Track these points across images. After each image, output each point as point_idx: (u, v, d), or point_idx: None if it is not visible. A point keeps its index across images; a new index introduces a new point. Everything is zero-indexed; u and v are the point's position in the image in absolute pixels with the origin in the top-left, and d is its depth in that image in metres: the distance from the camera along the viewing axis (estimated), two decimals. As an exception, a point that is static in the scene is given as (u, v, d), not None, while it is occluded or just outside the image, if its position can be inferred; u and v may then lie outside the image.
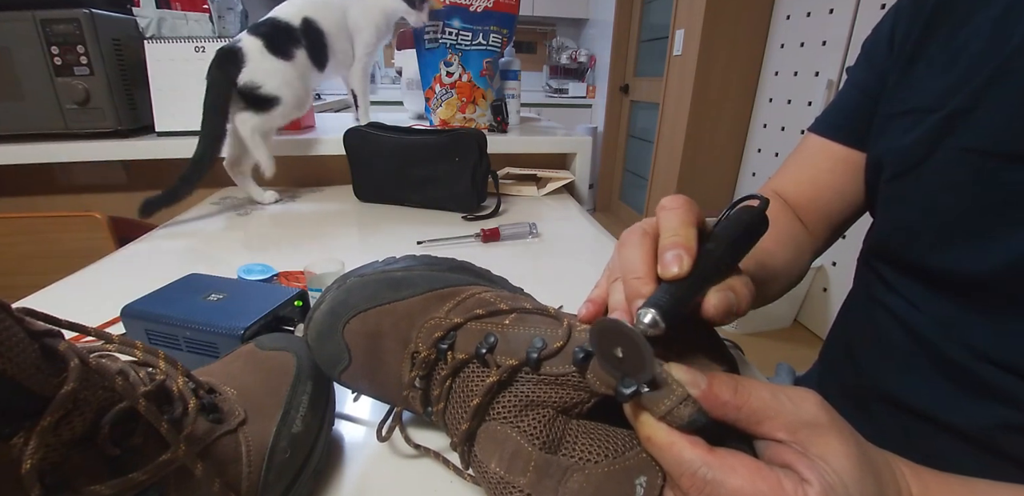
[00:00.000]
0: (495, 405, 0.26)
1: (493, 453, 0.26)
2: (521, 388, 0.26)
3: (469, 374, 0.28)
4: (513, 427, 0.25)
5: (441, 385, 0.28)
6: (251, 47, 0.81)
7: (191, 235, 0.78)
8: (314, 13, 0.86)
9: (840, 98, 0.50)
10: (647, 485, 0.22)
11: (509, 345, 0.27)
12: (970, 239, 0.36)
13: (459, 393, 0.28)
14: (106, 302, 0.47)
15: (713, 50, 2.12)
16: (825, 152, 0.50)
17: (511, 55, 1.21)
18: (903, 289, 0.43)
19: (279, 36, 0.83)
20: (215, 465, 0.24)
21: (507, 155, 1.06)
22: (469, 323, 0.29)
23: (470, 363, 0.28)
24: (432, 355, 0.28)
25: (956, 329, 0.38)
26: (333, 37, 0.89)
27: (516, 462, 0.25)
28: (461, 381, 0.28)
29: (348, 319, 0.30)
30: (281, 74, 0.84)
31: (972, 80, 0.36)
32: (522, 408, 0.26)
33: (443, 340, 0.28)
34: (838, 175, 0.49)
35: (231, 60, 0.80)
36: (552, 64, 3.95)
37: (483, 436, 0.27)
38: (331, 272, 0.49)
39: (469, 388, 0.27)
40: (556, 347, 0.25)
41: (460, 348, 0.28)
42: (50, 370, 0.18)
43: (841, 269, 1.74)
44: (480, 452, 0.26)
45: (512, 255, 0.70)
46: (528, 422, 0.25)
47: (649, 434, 0.22)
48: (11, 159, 0.92)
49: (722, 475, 0.20)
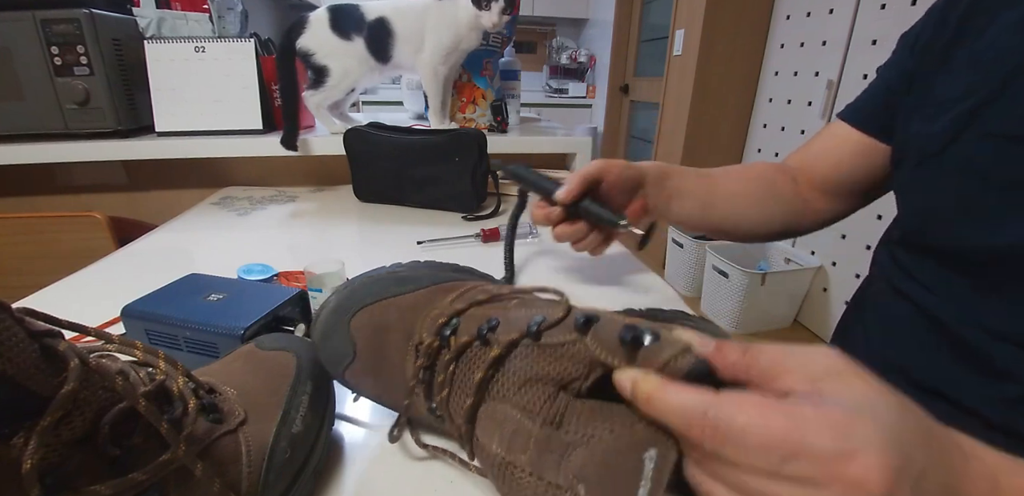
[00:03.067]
0: (496, 383, 0.26)
1: (494, 434, 0.25)
2: (521, 363, 0.26)
3: (472, 356, 0.27)
4: (513, 406, 0.25)
5: (445, 370, 0.28)
6: (317, 17, 0.91)
7: (191, 235, 0.78)
8: (392, 14, 0.91)
9: (868, 90, 0.54)
10: (657, 458, 0.21)
11: (511, 325, 0.27)
12: (989, 216, 0.38)
13: (462, 376, 0.28)
14: (106, 302, 0.47)
15: (713, 50, 2.12)
16: (847, 136, 0.54)
17: (511, 55, 1.21)
18: (923, 275, 0.44)
19: (346, 18, 0.91)
20: (215, 465, 0.24)
21: (507, 155, 1.06)
22: (472, 309, 0.29)
23: (472, 345, 0.27)
24: (436, 343, 0.28)
25: (974, 311, 0.40)
26: (401, 39, 0.92)
27: (516, 440, 0.24)
28: (464, 364, 0.28)
29: (355, 312, 0.31)
30: (331, 47, 0.92)
31: (997, 73, 0.38)
32: (522, 384, 0.25)
33: (446, 326, 0.29)
34: (850, 152, 0.54)
35: (298, 24, 0.91)
36: (552, 64, 3.95)
37: (484, 417, 0.26)
38: (331, 272, 0.49)
39: (471, 368, 0.27)
40: (557, 318, 0.26)
41: (463, 333, 0.28)
42: (50, 370, 0.18)
43: (841, 269, 1.74)
44: (481, 434, 0.26)
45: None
46: (529, 398, 0.25)
47: (649, 391, 0.21)
48: (11, 159, 0.92)
49: (731, 411, 0.19)
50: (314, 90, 0.95)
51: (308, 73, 0.95)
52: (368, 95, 2.85)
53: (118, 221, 0.98)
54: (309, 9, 1.19)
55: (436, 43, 0.91)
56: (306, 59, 0.92)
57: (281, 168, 1.07)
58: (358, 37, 0.91)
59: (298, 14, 0.96)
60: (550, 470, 0.23)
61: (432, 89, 0.97)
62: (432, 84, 0.96)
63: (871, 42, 1.56)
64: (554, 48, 3.92)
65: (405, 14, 0.91)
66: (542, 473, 0.23)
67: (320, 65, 0.93)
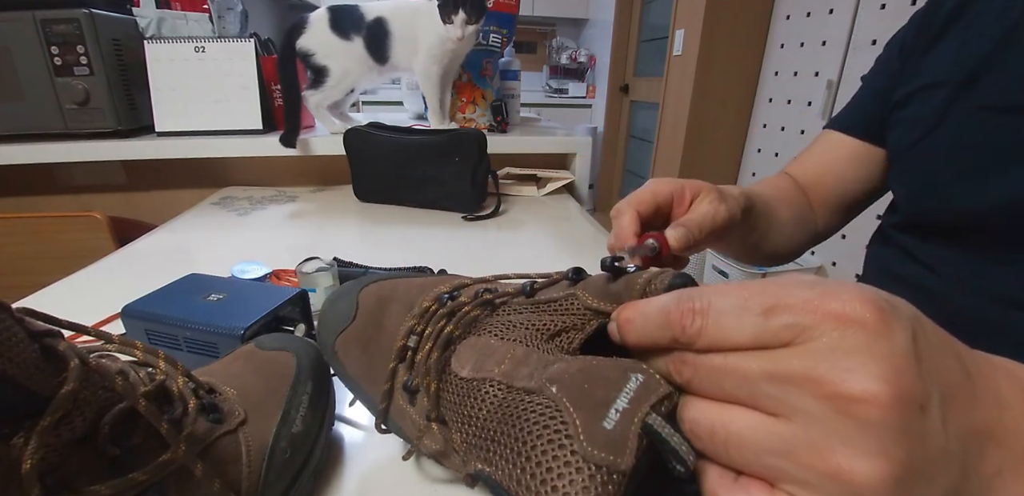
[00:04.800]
0: (482, 324, 0.25)
1: (468, 361, 0.23)
2: (511, 317, 0.25)
3: (464, 314, 0.27)
4: (497, 338, 0.24)
5: (435, 324, 0.26)
6: (317, 17, 0.91)
7: (191, 235, 0.78)
8: (390, 14, 0.91)
9: (855, 99, 0.55)
10: (645, 379, 0.18)
11: (508, 287, 0.27)
12: (988, 178, 0.38)
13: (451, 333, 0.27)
14: (106, 302, 0.47)
15: (713, 50, 2.12)
16: (840, 144, 0.54)
17: (511, 55, 1.21)
18: (925, 255, 0.45)
19: (346, 19, 0.91)
20: (215, 465, 0.24)
21: (507, 155, 1.06)
22: (476, 284, 0.30)
23: (467, 305, 0.27)
24: (433, 306, 0.28)
25: (983, 282, 0.40)
26: (398, 40, 0.92)
27: (491, 359, 0.22)
28: (455, 320, 0.26)
29: (368, 283, 0.33)
30: (331, 47, 0.92)
31: (982, 48, 0.39)
32: (509, 326, 0.24)
33: (446, 294, 0.29)
34: (848, 162, 0.54)
35: (298, 24, 0.92)
36: (552, 64, 3.95)
37: (463, 348, 0.25)
38: (323, 272, 0.49)
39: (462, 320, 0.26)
40: (551, 279, 0.26)
41: (461, 297, 0.28)
42: (50, 370, 0.18)
43: (841, 269, 1.74)
44: (455, 365, 0.24)
45: (512, 255, 0.70)
46: (514, 335, 0.23)
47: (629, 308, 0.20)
48: (11, 159, 0.92)
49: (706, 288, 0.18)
50: (314, 90, 0.95)
51: (308, 73, 0.95)
52: (368, 95, 2.85)
53: (118, 221, 0.98)
54: (309, 9, 1.19)
55: (427, 44, 0.91)
56: (306, 59, 0.93)
57: (281, 168, 1.07)
58: (357, 37, 0.92)
59: (298, 14, 0.96)
60: (521, 379, 0.21)
61: (428, 90, 0.97)
62: (427, 85, 0.96)
63: (871, 42, 1.56)
64: (554, 48, 3.92)
65: (401, 15, 0.91)
66: (512, 382, 0.21)
67: (320, 65, 0.93)
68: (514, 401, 0.20)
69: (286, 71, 0.94)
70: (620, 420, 0.17)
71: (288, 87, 0.94)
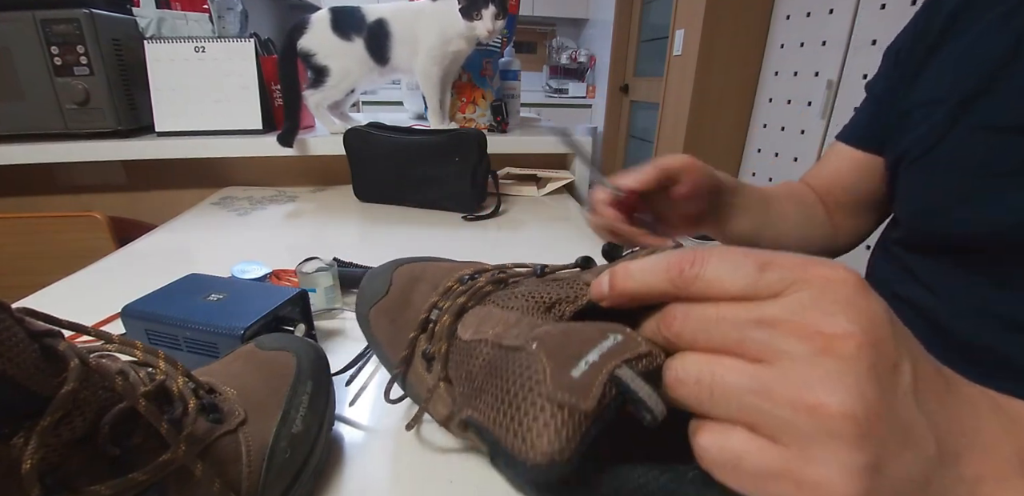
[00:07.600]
0: (490, 297, 0.28)
1: (470, 326, 0.27)
2: (515, 289, 0.28)
3: (479, 288, 0.30)
4: (499, 307, 0.27)
5: (454, 299, 0.29)
6: (319, 18, 0.91)
7: (191, 235, 0.78)
8: (391, 16, 0.92)
9: (860, 109, 0.55)
10: (623, 339, 0.20)
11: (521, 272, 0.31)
12: (987, 201, 0.38)
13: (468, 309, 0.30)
14: (106, 302, 0.47)
15: (713, 50, 2.12)
16: (846, 155, 0.55)
17: (511, 55, 1.21)
18: (925, 275, 0.45)
19: (347, 20, 0.91)
20: (215, 465, 0.24)
21: (507, 155, 1.06)
22: (495, 269, 0.32)
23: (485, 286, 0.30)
24: (455, 285, 0.31)
25: (984, 306, 0.40)
26: (398, 41, 0.93)
27: (486, 324, 0.25)
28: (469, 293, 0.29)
29: (403, 264, 0.37)
30: (332, 48, 0.92)
31: (983, 66, 0.39)
32: (512, 297, 0.27)
33: (468, 276, 0.31)
34: (856, 173, 0.55)
35: (300, 25, 0.92)
36: (552, 64, 3.94)
37: (469, 316, 0.28)
38: (322, 272, 0.49)
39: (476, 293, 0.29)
40: (563, 264, 0.29)
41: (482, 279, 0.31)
42: (50, 370, 0.18)
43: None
44: (461, 330, 0.27)
45: (512, 255, 0.70)
46: (514, 304, 0.26)
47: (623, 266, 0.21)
48: (11, 159, 0.92)
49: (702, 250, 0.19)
50: (314, 90, 0.95)
51: (308, 73, 0.95)
52: (368, 95, 2.85)
53: (118, 221, 0.98)
54: (309, 9, 1.19)
55: (427, 45, 0.92)
56: (307, 59, 0.93)
57: (281, 168, 1.07)
58: (358, 38, 0.92)
59: (298, 15, 0.96)
60: (509, 339, 0.23)
61: (428, 90, 0.97)
62: (426, 85, 0.96)
63: (871, 42, 1.56)
64: (554, 48, 3.92)
65: (402, 16, 0.92)
66: (501, 342, 0.23)
67: (320, 65, 0.93)
68: (501, 357, 0.23)
69: (286, 71, 0.94)
70: (588, 371, 0.19)
71: (288, 87, 0.94)
